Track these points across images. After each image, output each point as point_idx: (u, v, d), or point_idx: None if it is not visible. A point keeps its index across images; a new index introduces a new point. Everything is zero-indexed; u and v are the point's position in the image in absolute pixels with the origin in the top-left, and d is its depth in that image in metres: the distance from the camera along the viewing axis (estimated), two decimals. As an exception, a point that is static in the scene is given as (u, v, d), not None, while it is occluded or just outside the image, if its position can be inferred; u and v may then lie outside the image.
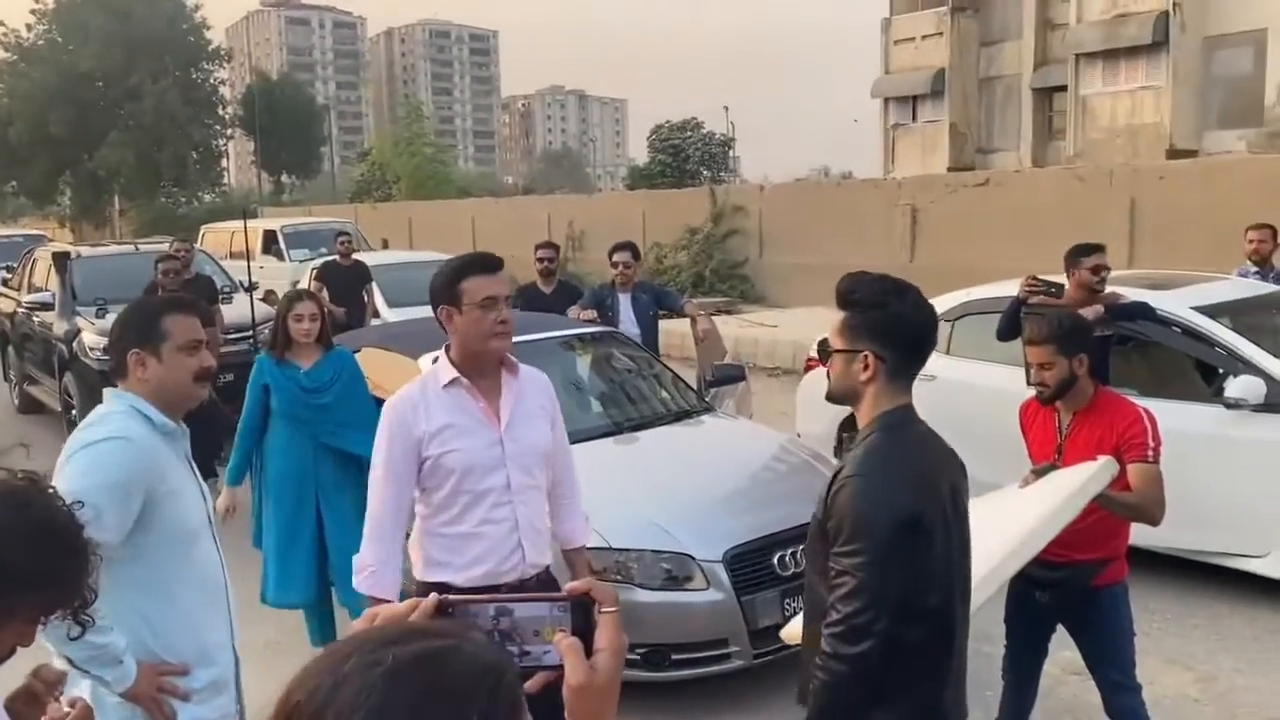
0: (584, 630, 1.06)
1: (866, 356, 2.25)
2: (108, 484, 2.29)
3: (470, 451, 2.85)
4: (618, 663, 1.07)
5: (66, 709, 1.67)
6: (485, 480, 2.86)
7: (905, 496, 2.18)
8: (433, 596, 1.02)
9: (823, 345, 2.41)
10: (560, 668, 1.04)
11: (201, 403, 2.60)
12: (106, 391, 2.51)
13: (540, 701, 1.07)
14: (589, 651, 1.06)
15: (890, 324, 2.25)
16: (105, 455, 2.33)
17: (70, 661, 2.24)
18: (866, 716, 2.20)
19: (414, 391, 2.92)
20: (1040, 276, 5.48)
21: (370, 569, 2.90)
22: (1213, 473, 5.17)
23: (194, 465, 2.59)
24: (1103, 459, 3.08)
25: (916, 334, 2.28)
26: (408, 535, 3.04)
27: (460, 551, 2.88)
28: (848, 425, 6.34)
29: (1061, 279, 5.43)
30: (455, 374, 2.86)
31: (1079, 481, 2.99)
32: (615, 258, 7.00)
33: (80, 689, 2.26)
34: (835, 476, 2.24)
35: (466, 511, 2.87)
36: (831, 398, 2.43)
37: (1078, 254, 5.38)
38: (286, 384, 4.67)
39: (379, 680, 0.82)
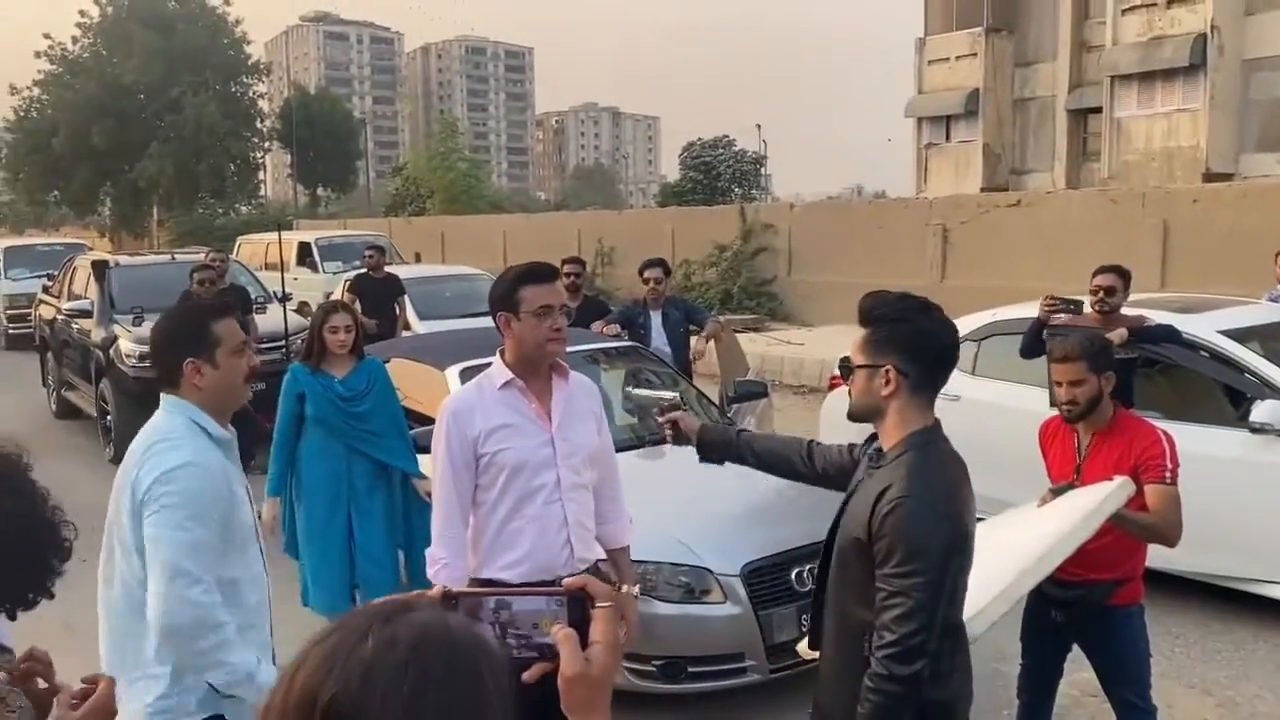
0: (579, 624, 1.11)
1: (889, 371, 2.27)
2: (193, 515, 2.39)
3: (522, 450, 2.99)
4: (612, 655, 1.11)
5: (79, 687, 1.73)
6: (537, 478, 3.00)
7: (955, 517, 2.22)
8: (438, 588, 1.09)
9: (844, 363, 2.42)
10: (556, 659, 1.09)
11: (235, 411, 2.68)
12: (164, 399, 2.56)
13: (537, 692, 1.12)
14: (584, 644, 1.10)
15: (913, 338, 2.28)
16: (182, 489, 2.40)
17: (213, 688, 2.38)
18: None
19: (470, 392, 3.09)
20: (1059, 295, 5.53)
21: (443, 561, 3.00)
22: (1238, 498, 5.15)
23: (241, 469, 2.69)
24: (1119, 479, 3.09)
25: (939, 348, 2.31)
26: None
27: (512, 547, 3.00)
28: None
29: (1082, 297, 5.46)
30: (510, 376, 3.01)
31: (1095, 501, 3.01)
32: (646, 274, 7.07)
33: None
34: (880, 497, 2.22)
35: (518, 508, 3.00)
36: (854, 415, 2.45)
37: (1093, 274, 5.44)
38: (322, 393, 4.77)
39: (407, 655, 0.86)
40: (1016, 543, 2.91)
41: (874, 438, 2.42)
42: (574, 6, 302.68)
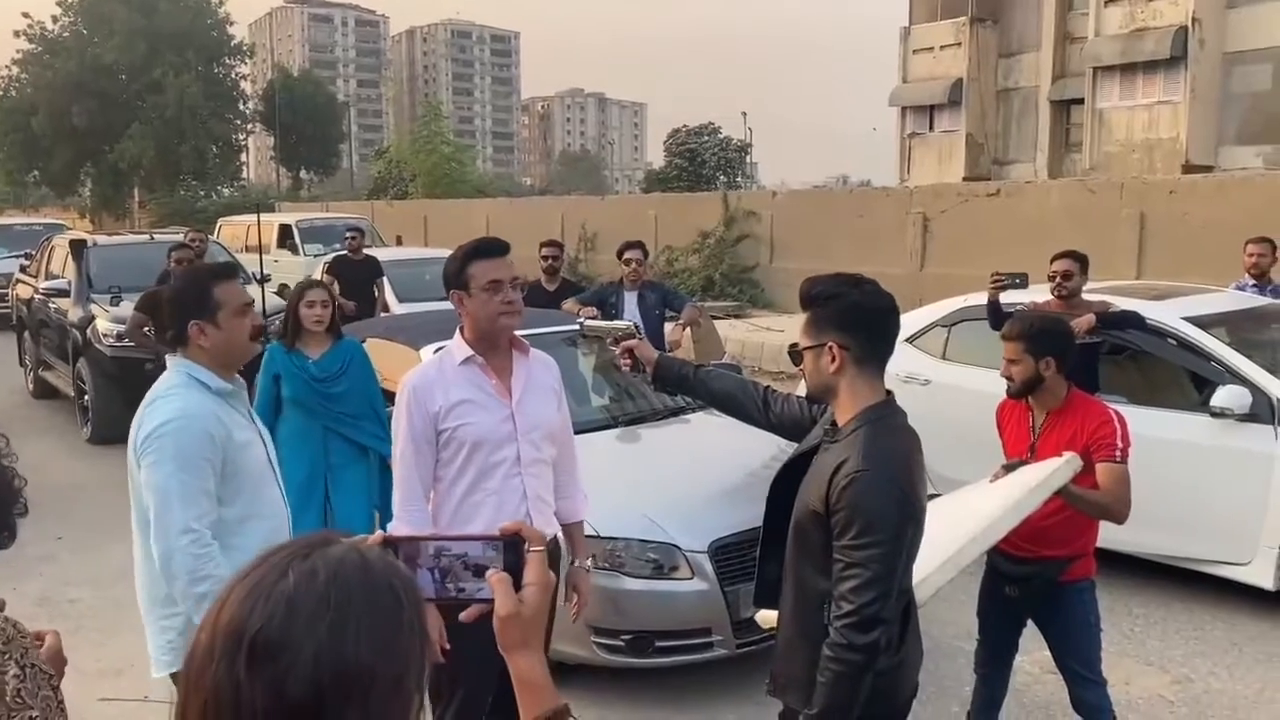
0: (514, 567, 1.17)
1: (831, 348, 2.34)
2: (181, 465, 2.60)
3: (483, 425, 3.03)
4: (544, 595, 1.18)
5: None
6: (497, 453, 3.04)
7: (910, 489, 2.28)
8: (379, 533, 1.14)
9: (792, 348, 2.49)
10: (491, 601, 1.15)
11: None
12: (169, 360, 2.79)
13: (476, 630, 1.18)
14: (519, 586, 1.16)
15: (848, 312, 2.34)
16: (171, 442, 2.62)
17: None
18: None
19: (430, 369, 3.12)
20: (1002, 271, 5.76)
21: (399, 518, 3.06)
22: (1199, 481, 5.25)
23: (255, 415, 2.91)
24: (1066, 455, 3.17)
25: (875, 319, 2.37)
26: None
27: (472, 521, 3.03)
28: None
29: (1024, 271, 5.82)
30: (470, 352, 3.05)
31: (1042, 475, 3.09)
32: (627, 255, 7.05)
33: None
34: (836, 471, 2.27)
35: (479, 483, 3.05)
36: (810, 397, 2.53)
37: (1051, 259, 5.69)
38: (296, 373, 4.77)
39: (327, 586, 0.91)
40: (965, 514, 2.99)
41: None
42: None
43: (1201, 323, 5.66)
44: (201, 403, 2.67)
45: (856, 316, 2.34)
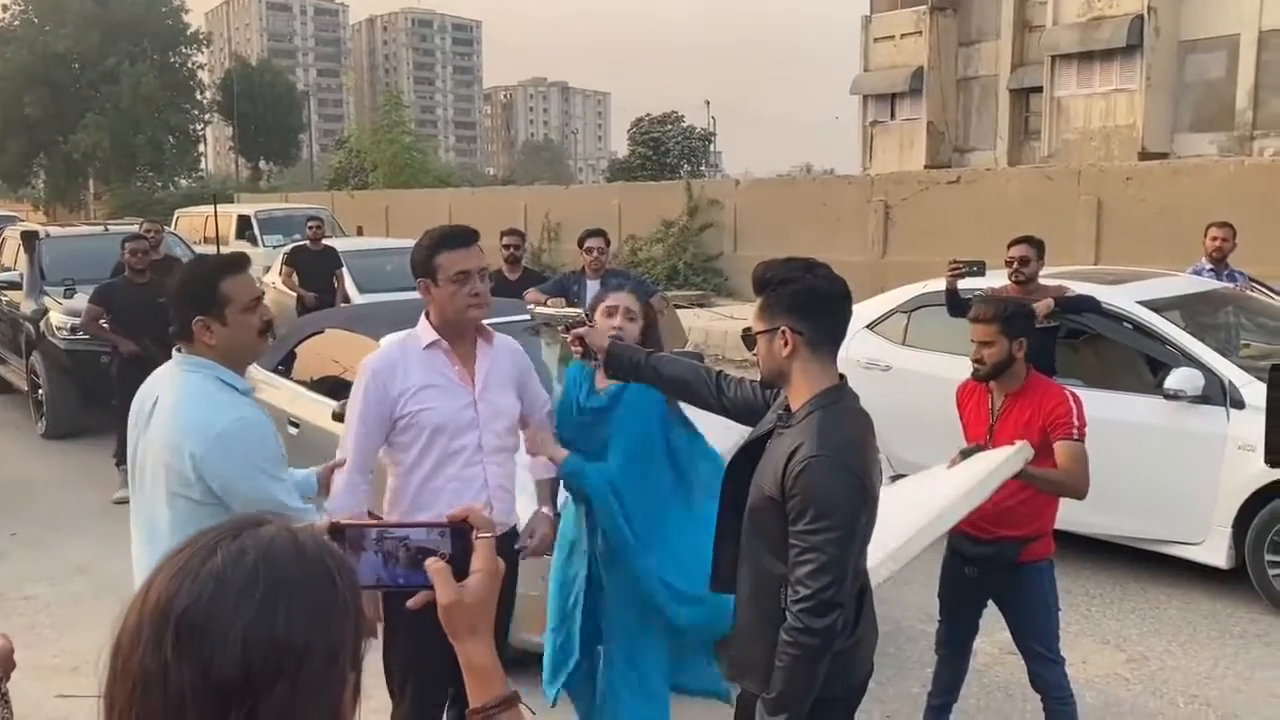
0: (461, 554, 1.16)
1: (784, 332, 2.34)
2: (258, 468, 2.51)
3: (444, 411, 3.00)
4: (491, 582, 1.17)
5: None
6: (458, 440, 3.01)
7: (864, 474, 2.29)
8: (325, 519, 1.12)
9: (745, 332, 2.49)
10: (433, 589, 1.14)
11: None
12: (186, 357, 2.59)
13: (423, 618, 1.17)
14: (467, 573, 1.16)
15: (800, 296, 2.34)
16: (245, 445, 2.50)
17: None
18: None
19: (393, 351, 3.08)
20: (960, 259, 5.79)
21: (340, 494, 3.00)
22: (1153, 462, 5.33)
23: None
24: (1018, 444, 3.21)
25: (827, 303, 2.38)
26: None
27: (430, 507, 2.99)
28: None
29: (982, 259, 5.86)
30: (435, 337, 3.02)
31: (995, 464, 3.12)
32: (589, 243, 6.93)
33: None
34: (791, 456, 2.28)
35: (439, 469, 3.01)
36: (764, 382, 2.53)
37: (1008, 245, 5.75)
38: None
39: (257, 564, 0.89)
40: (919, 499, 3.01)
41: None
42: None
43: (1156, 306, 5.74)
44: (244, 405, 2.55)
45: (809, 301, 2.35)
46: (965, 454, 3.33)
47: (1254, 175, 12.57)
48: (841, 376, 2.41)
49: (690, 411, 3.24)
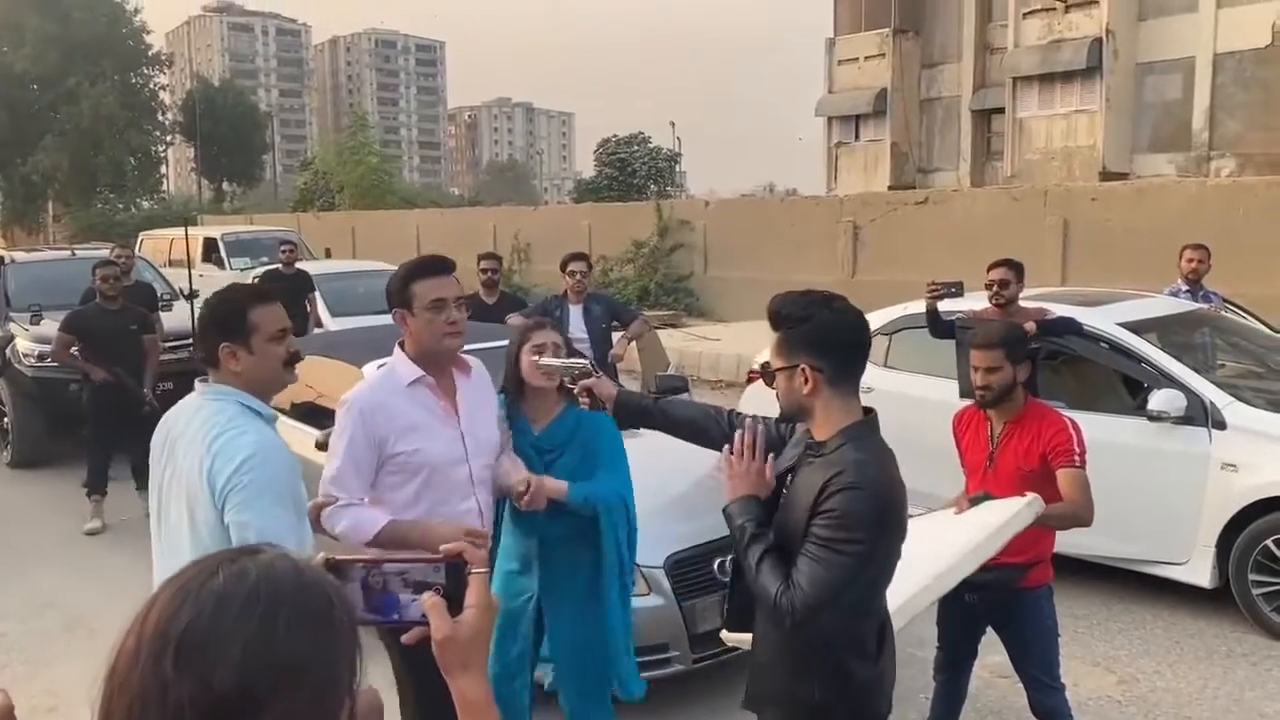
0: (457, 588, 1.16)
1: (804, 370, 2.27)
2: (277, 499, 2.44)
3: (435, 450, 2.97)
4: (486, 617, 1.17)
5: None
6: (451, 475, 3.00)
7: (899, 510, 2.25)
8: (321, 555, 1.11)
9: (764, 367, 2.42)
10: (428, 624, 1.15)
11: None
12: (210, 385, 2.57)
13: (424, 652, 1.17)
14: (461, 608, 1.16)
15: (820, 333, 2.28)
16: (266, 475, 2.43)
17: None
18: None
19: (378, 390, 3.02)
20: (939, 280, 5.84)
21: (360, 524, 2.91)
22: (1136, 483, 5.36)
23: None
24: (1029, 497, 3.16)
25: (847, 339, 2.32)
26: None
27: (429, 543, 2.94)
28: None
29: (960, 280, 5.94)
30: (418, 373, 2.98)
31: (1005, 518, 3.07)
32: (571, 267, 6.90)
33: None
34: (827, 484, 2.19)
35: (435, 507, 2.97)
36: (784, 417, 2.46)
37: (988, 268, 5.77)
38: None
39: (257, 584, 0.90)
40: (925, 554, 2.93)
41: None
42: (486, 1, 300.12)
43: (1135, 328, 5.80)
44: (268, 433, 2.52)
45: (828, 338, 2.28)
46: (973, 502, 3.28)
47: (1215, 195, 12.80)
48: (866, 410, 2.35)
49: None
